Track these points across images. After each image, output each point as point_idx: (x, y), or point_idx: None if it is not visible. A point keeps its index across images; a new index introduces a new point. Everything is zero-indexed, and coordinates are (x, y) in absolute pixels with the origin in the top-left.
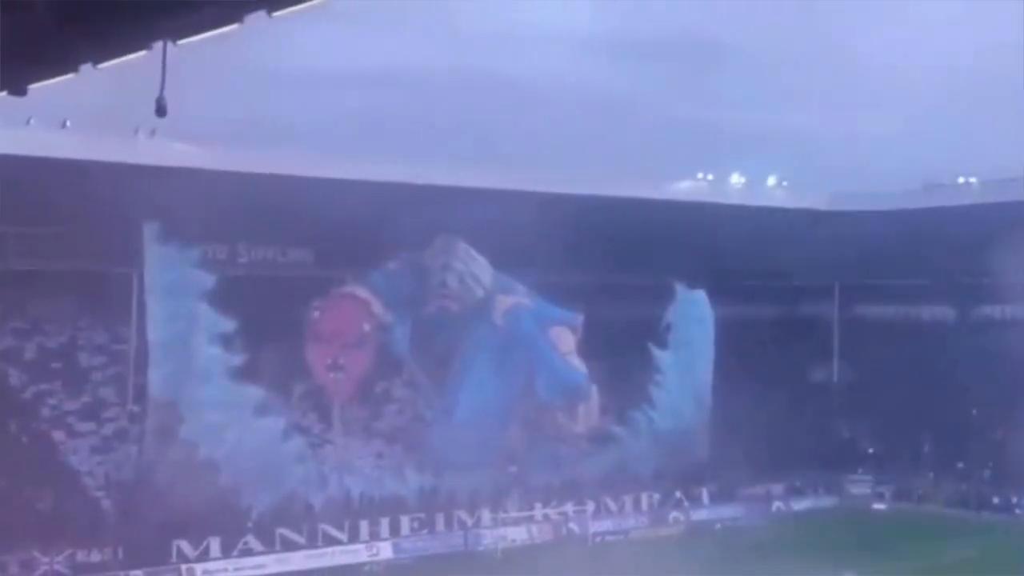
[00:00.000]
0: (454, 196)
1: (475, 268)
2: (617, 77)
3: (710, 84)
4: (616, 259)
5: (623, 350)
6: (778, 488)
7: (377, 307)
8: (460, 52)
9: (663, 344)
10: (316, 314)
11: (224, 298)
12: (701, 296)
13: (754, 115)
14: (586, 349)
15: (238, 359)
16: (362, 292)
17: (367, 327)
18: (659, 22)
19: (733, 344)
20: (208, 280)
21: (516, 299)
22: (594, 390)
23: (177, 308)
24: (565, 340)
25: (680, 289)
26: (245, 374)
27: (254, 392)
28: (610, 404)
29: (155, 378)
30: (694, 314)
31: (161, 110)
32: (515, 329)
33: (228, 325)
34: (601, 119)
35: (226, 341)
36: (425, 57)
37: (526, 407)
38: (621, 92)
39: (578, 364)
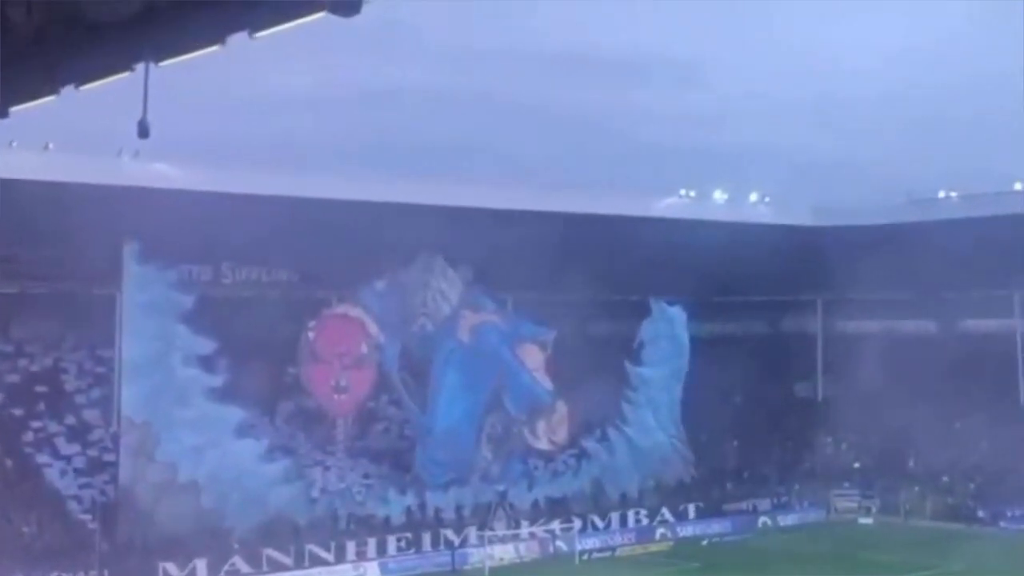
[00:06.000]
0: (435, 215)
1: (444, 285)
2: (598, 95)
3: (691, 101)
4: (597, 276)
5: (598, 367)
6: (764, 503)
7: (372, 327)
8: (438, 70)
9: (637, 361)
10: (311, 335)
11: (205, 319)
12: (677, 313)
13: (736, 132)
14: (561, 366)
15: (218, 380)
16: (355, 312)
17: (364, 348)
18: (639, 40)
19: (717, 360)
20: (186, 301)
21: (483, 316)
22: (559, 406)
23: (154, 329)
24: (533, 356)
25: (655, 306)
26: (225, 395)
27: (235, 413)
28: (584, 421)
29: (130, 399)
30: (670, 331)
31: (144, 131)
32: (481, 346)
33: (207, 346)
34: (583, 137)
35: (204, 362)
36: (404, 76)
37: (494, 423)
38: (602, 110)
39: (544, 380)
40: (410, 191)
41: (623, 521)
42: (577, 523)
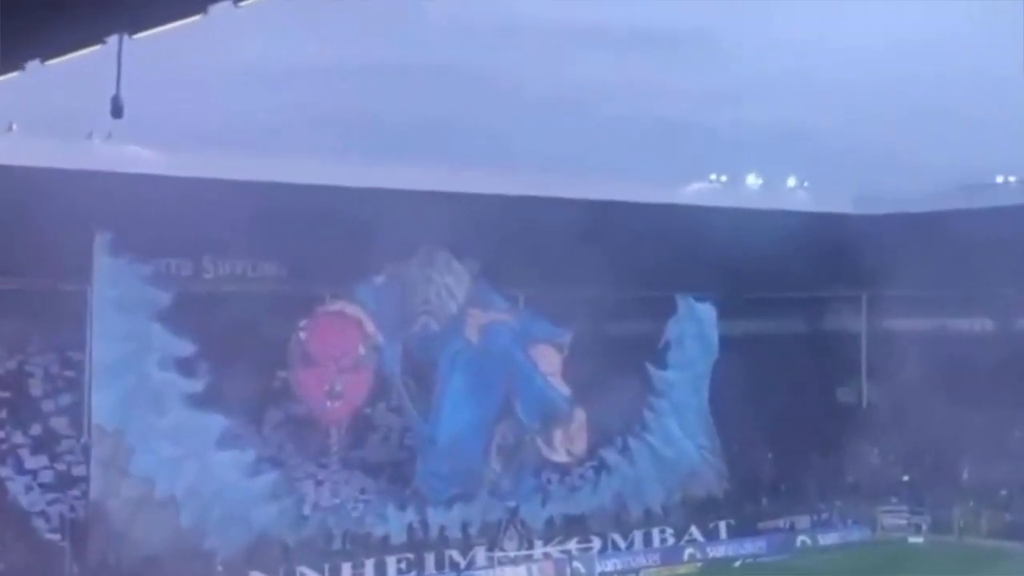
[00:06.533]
0: (439, 202)
1: (449, 280)
2: (617, 70)
3: (722, 77)
4: (618, 270)
5: (619, 371)
6: (803, 521)
7: (369, 326)
8: (439, 46)
9: (662, 364)
10: (303, 335)
11: (183, 317)
12: (705, 310)
13: (772, 111)
14: (579, 370)
15: (198, 385)
16: (351, 310)
17: (361, 349)
18: (662, 11)
19: (751, 362)
20: (163, 297)
21: (493, 314)
22: (578, 414)
23: (127, 328)
24: (549, 359)
25: (682, 303)
26: (206, 402)
27: (217, 421)
28: (604, 430)
29: (102, 405)
30: (698, 330)
31: (117, 110)
32: (491, 347)
33: (186, 347)
34: (601, 116)
35: (183, 365)
36: (404, 51)
37: (505, 433)
38: (622, 87)
39: (560, 385)
40: (411, 176)
41: (647, 540)
42: (596, 543)
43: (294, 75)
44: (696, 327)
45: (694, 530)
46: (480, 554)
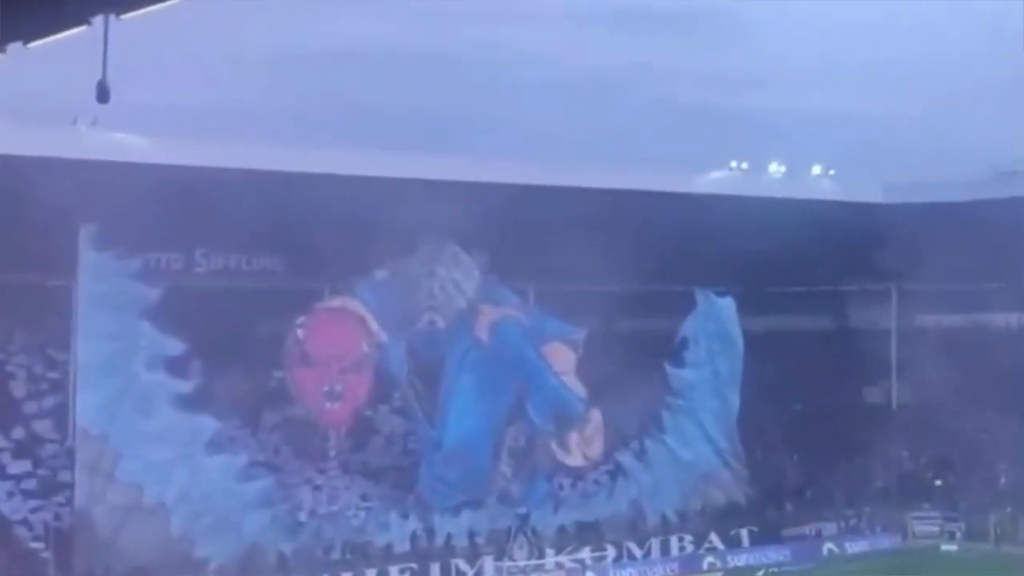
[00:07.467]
0: (444, 192)
1: (457, 274)
2: (633, 52)
3: (743, 60)
4: (634, 263)
5: (636, 370)
6: (830, 528)
7: (372, 324)
8: (442, 30)
9: (680, 362)
10: (301, 332)
11: (173, 314)
12: (727, 305)
13: (796, 95)
14: (593, 369)
15: (188, 385)
16: (352, 306)
17: (364, 348)
18: None
19: (773, 360)
20: (151, 294)
21: (503, 311)
22: (593, 415)
23: (114, 326)
24: (563, 358)
25: (701, 298)
26: (197, 403)
27: (209, 424)
28: (620, 433)
29: (87, 408)
30: (719, 327)
31: (103, 95)
32: (502, 345)
33: (175, 346)
34: (615, 102)
35: (173, 365)
36: (406, 38)
37: (516, 436)
38: (638, 70)
39: (575, 385)
40: (416, 165)
41: (665, 548)
42: (611, 551)
43: (292, 59)
44: (716, 323)
45: (714, 538)
46: (488, 564)
